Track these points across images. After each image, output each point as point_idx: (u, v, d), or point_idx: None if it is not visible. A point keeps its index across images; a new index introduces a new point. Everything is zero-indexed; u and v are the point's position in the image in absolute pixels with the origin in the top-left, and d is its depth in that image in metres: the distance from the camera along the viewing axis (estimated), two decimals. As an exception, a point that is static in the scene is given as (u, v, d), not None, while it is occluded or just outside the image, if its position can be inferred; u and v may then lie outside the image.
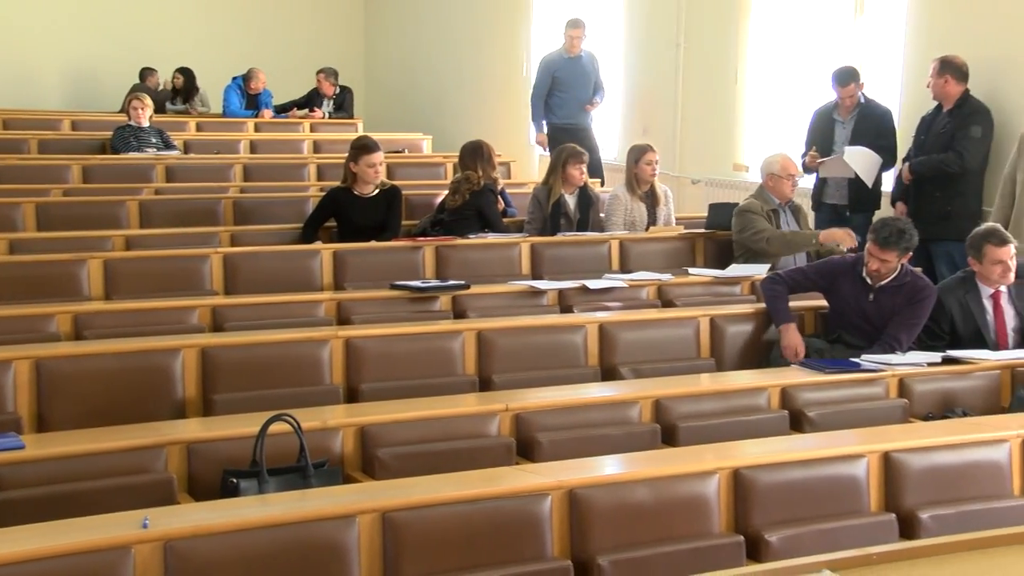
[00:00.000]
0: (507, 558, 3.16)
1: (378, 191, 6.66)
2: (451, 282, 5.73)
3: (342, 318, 5.31)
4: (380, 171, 6.66)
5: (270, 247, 6.25)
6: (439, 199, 7.17)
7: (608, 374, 5.06)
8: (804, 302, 5.67)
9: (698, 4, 8.96)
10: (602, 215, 7.06)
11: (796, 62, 8.35)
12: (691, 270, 6.46)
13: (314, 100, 11.43)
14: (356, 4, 14.09)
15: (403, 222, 6.82)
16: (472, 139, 7.23)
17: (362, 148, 6.63)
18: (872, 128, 6.99)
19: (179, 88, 11.75)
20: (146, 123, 8.96)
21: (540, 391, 4.49)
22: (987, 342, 5.25)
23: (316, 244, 6.39)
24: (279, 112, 11.33)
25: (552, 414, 4.18)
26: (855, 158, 6.81)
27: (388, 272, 5.93)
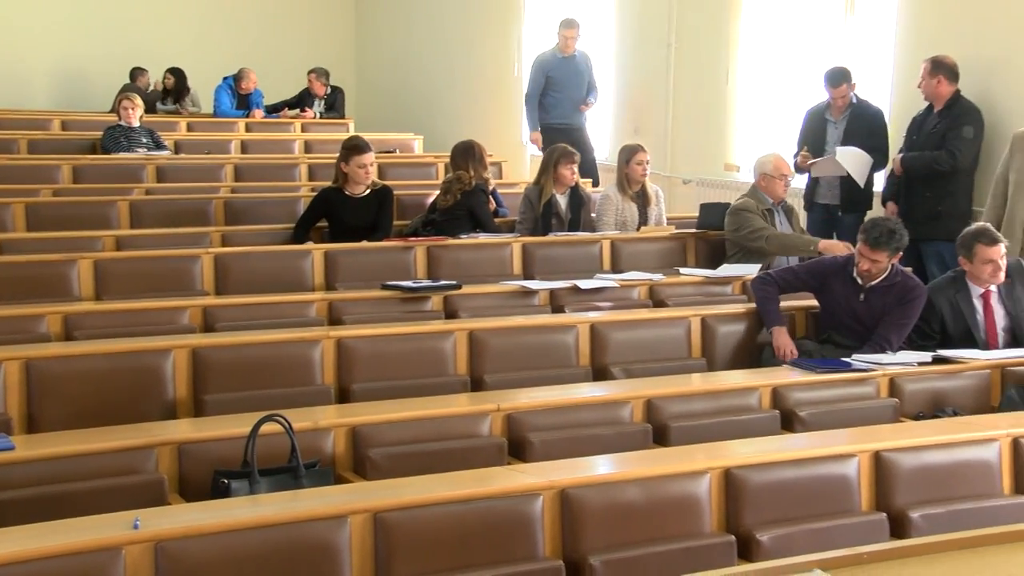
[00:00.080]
0: (499, 558, 3.16)
1: (369, 191, 6.66)
2: (442, 282, 5.73)
3: (333, 318, 5.31)
4: (371, 171, 6.66)
5: (261, 247, 6.24)
6: (430, 199, 7.17)
7: (599, 374, 5.06)
8: (795, 302, 5.67)
9: (689, 4, 8.96)
10: (593, 215, 7.06)
11: (787, 62, 8.37)
12: (682, 270, 6.47)
13: (305, 100, 11.42)
14: (347, 4, 14.08)
15: (394, 222, 6.82)
16: (463, 139, 7.22)
17: (353, 148, 6.63)
18: (864, 128, 7.01)
19: (170, 88, 11.72)
20: (136, 123, 8.94)
21: (532, 391, 4.49)
22: (977, 342, 5.26)
23: (307, 244, 6.38)
24: (270, 112, 11.31)
25: (544, 414, 4.18)
26: (847, 158, 6.82)
27: (379, 272, 5.93)
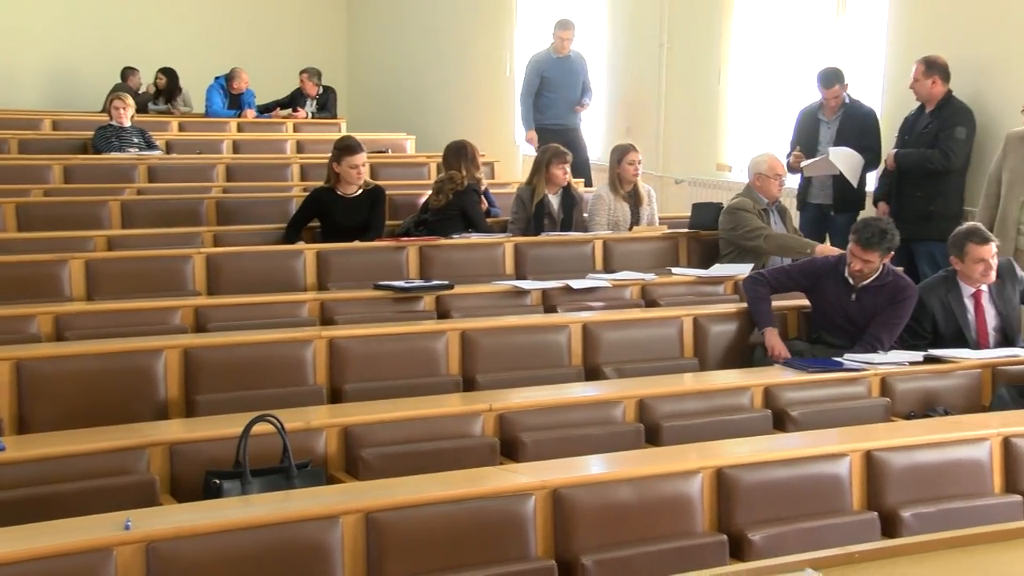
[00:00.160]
0: (491, 558, 3.16)
1: (361, 191, 6.66)
2: (435, 282, 5.72)
3: (325, 318, 5.30)
4: (363, 171, 6.65)
5: (253, 247, 6.23)
6: (423, 199, 7.16)
7: (592, 374, 5.07)
8: (786, 302, 5.68)
9: (681, 4, 8.97)
10: (585, 215, 7.07)
11: (779, 62, 8.38)
12: (674, 270, 6.47)
13: (297, 100, 11.41)
14: (339, 4, 14.06)
15: (387, 222, 6.82)
16: (456, 139, 7.22)
17: (345, 149, 6.62)
18: (857, 128, 7.02)
19: (162, 88, 11.70)
20: (128, 123, 8.91)
21: (524, 391, 4.49)
22: (968, 341, 5.27)
23: (299, 244, 6.37)
24: (262, 112, 11.29)
25: (536, 414, 4.19)
26: (840, 158, 6.84)
27: (372, 272, 5.92)
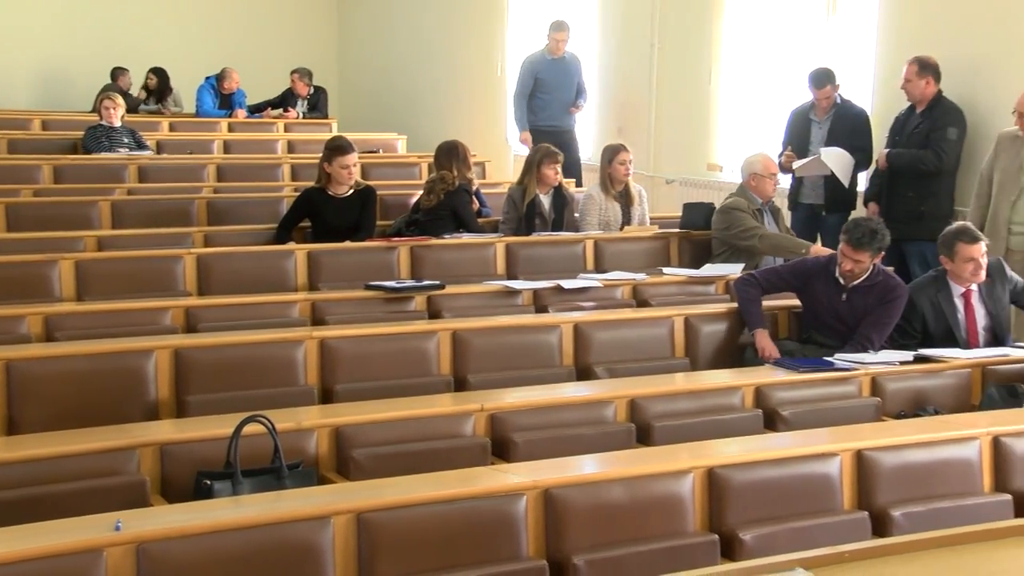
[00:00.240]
0: (482, 558, 3.16)
1: (352, 191, 6.65)
2: (426, 282, 5.72)
3: (316, 319, 5.29)
4: (354, 172, 6.65)
5: (244, 248, 6.22)
6: (414, 199, 7.16)
7: (583, 374, 5.07)
8: (777, 302, 5.69)
9: (672, 4, 8.98)
10: (576, 215, 7.07)
11: (769, 62, 8.40)
12: (665, 270, 6.47)
13: (288, 100, 11.39)
14: (330, 4, 14.04)
15: (378, 222, 6.81)
16: (447, 139, 7.22)
17: (336, 149, 6.61)
18: (848, 128, 7.03)
19: (152, 88, 11.68)
20: (118, 123, 8.90)
21: (515, 391, 4.49)
22: (958, 341, 5.29)
23: (290, 244, 6.37)
24: (253, 112, 11.27)
25: (527, 414, 4.19)
26: (832, 158, 6.85)
27: (363, 272, 5.92)
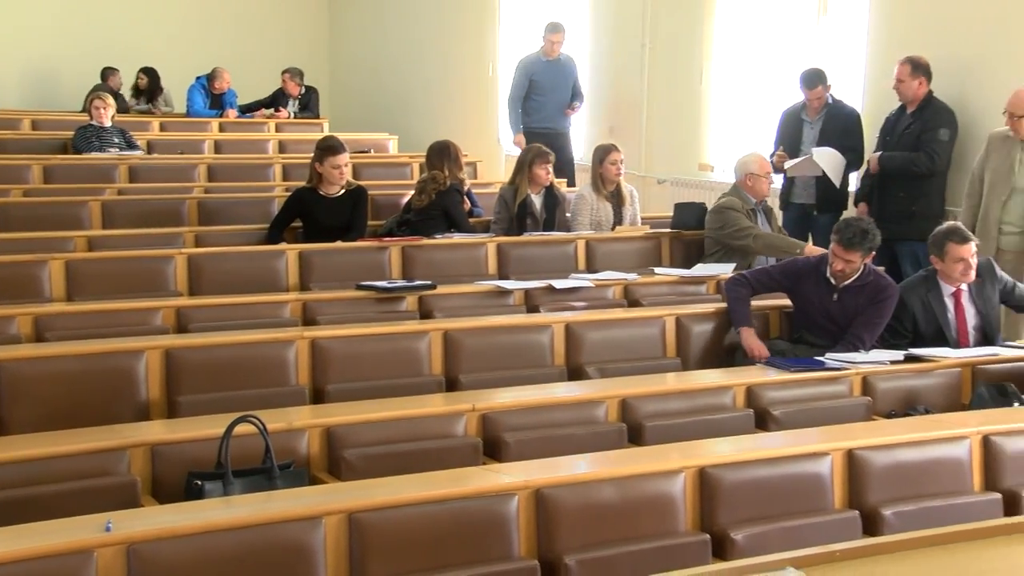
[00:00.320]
0: (474, 558, 3.16)
1: (344, 191, 6.64)
2: (417, 282, 5.72)
3: (308, 319, 5.29)
4: (345, 172, 6.64)
5: (235, 248, 6.21)
6: (405, 199, 7.15)
7: (574, 374, 5.07)
8: (768, 302, 5.70)
9: (664, 5, 8.99)
10: (568, 215, 7.07)
11: (760, 62, 8.41)
12: (657, 270, 6.48)
13: (279, 100, 11.38)
14: (321, 4, 14.03)
15: (369, 222, 6.81)
16: (439, 139, 7.22)
17: (327, 149, 6.61)
18: (839, 129, 7.05)
19: (143, 88, 11.65)
20: (108, 123, 8.88)
21: (506, 391, 4.49)
22: (948, 340, 5.30)
23: (281, 245, 6.36)
24: (244, 112, 11.25)
25: (519, 414, 4.18)
26: (824, 158, 6.87)
27: (354, 272, 5.91)
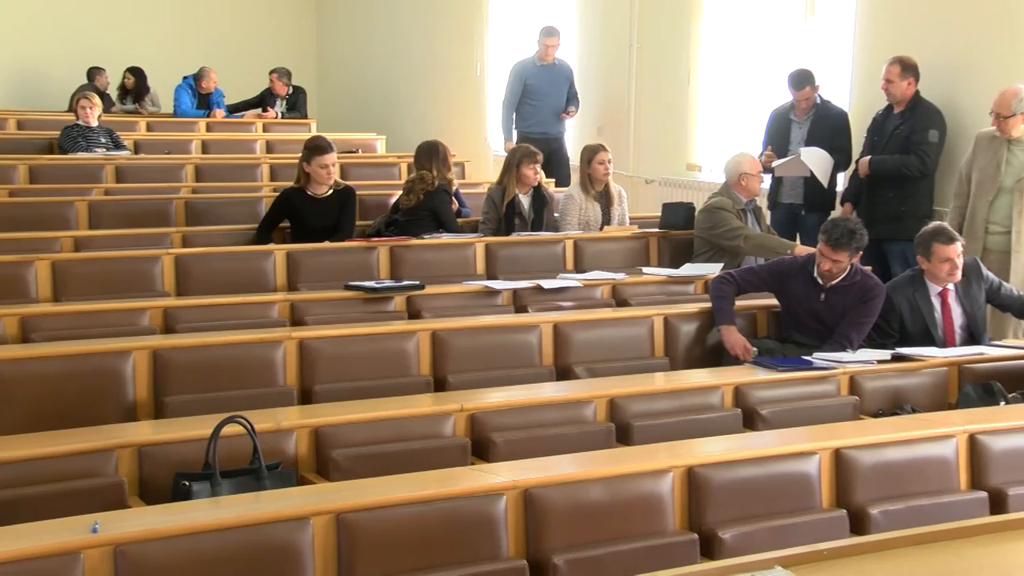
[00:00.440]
0: (462, 558, 3.16)
1: (332, 191, 6.63)
2: (405, 282, 5.71)
3: (295, 319, 5.28)
4: (333, 172, 6.63)
5: (222, 248, 6.20)
6: (393, 199, 7.15)
7: (563, 374, 5.07)
8: (755, 301, 5.71)
9: (651, 6, 9.00)
10: (556, 215, 7.08)
11: (748, 63, 8.43)
12: (645, 269, 6.49)
13: (267, 100, 11.35)
14: (309, 3, 14.01)
15: (357, 222, 6.80)
16: (427, 139, 7.21)
17: (315, 149, 6.60)
18: (828, 129, 7.07)
19: (130, 88, 11.61)
20: (95, 123, 8.84)
21: (495, 391, 4.49)
22: (935, 340, 5.32)
23: (269, 245, 6.34)
24: (231, 112, 11.22)
25: (507, 414, 4.19)
26: (812, 158, 6.89)
27: (342, 273, 5.91)
